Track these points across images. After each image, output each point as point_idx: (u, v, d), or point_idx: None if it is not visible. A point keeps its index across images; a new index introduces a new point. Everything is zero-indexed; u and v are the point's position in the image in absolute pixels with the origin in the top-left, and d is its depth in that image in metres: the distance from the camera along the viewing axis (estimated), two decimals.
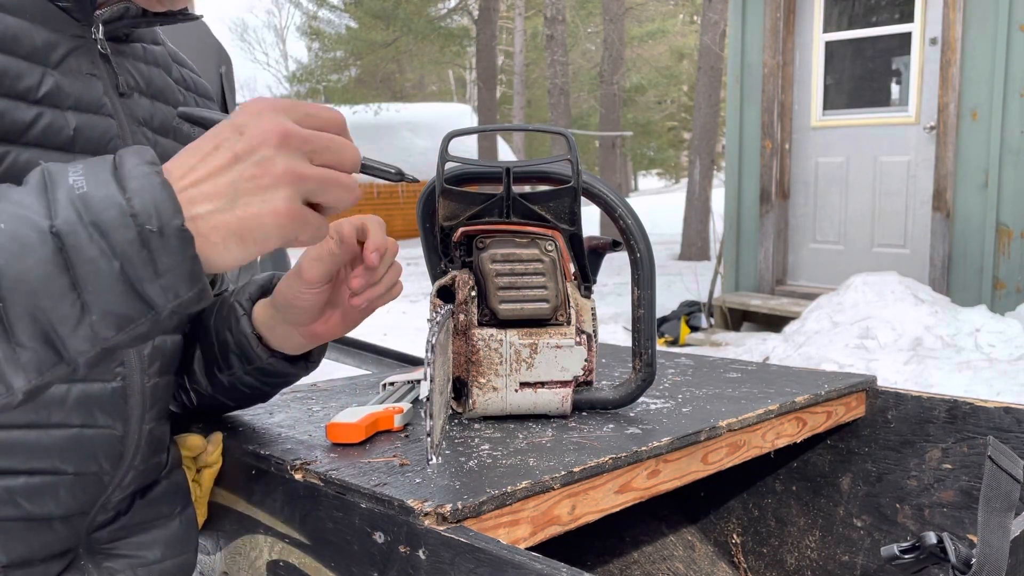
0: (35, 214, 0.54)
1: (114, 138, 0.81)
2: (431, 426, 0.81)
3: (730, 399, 1.16)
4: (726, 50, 8.58)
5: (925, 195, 5.54)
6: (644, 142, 22.62)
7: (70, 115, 0.77)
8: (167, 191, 0.57)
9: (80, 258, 0.54)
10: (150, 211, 0.55)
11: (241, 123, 0.60)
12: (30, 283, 0.53)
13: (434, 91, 28.34)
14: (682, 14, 22.75)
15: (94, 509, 0.86)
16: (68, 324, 0.54)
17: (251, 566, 0.98)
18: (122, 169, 0.57)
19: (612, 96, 13.39)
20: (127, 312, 0.56)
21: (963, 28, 5.16)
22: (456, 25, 18.32)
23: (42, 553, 0.82)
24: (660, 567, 1.48)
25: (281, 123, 0.60)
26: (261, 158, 0.59)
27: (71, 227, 0.54)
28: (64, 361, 0.55)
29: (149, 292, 0.56)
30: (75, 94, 0.78)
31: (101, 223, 0.54)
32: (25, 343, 0.54)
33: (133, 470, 0.89)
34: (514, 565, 0.68)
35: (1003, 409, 1.20)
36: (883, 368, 4.16)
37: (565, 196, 1.04)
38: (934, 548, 0.77)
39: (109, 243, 0.55)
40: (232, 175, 0.59)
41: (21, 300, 0.53)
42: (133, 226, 0.55)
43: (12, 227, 0.53)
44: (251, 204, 0.59)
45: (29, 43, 0.75)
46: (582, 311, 1.10)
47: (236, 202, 0.59)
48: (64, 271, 0.54)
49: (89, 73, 0.81)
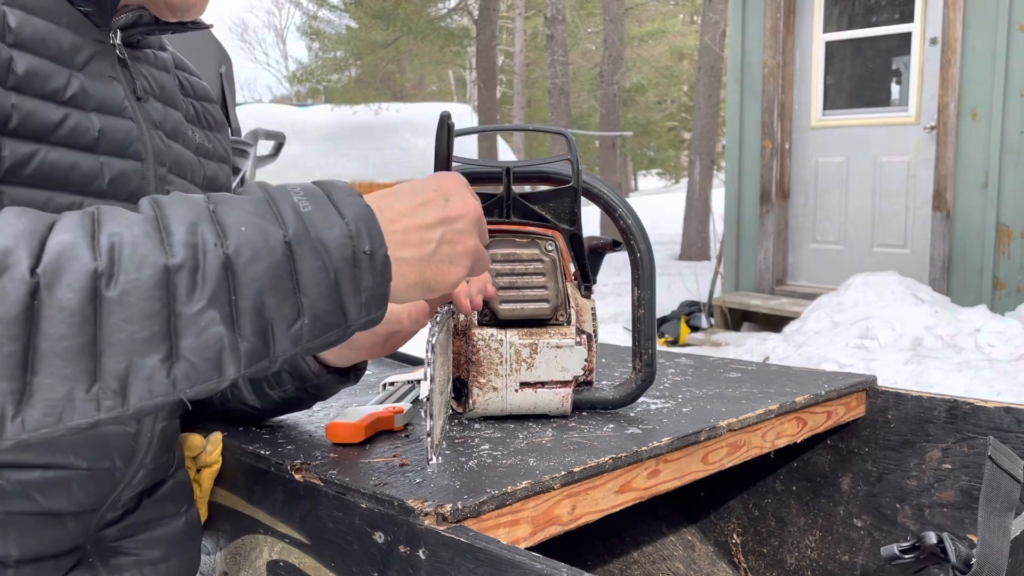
0: (269, 223, 0.61)
1: (134, 141, 0.83)
2: (431, 426, 0.81)
3: (730, 399, 1.16)
4: (726, 50, 8.58)
5: (925, 195, 5.53)
6: (644, 142, 22.61)
7: (94, 117, 0.79)
8: (376, 221, 0.65)
9: (305, 267, 0.61)
10: (364, 235, 0.64)
11: (446, 190, 0.72)
12: (262, 283, 0.59)
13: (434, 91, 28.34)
14: (682, 14, 22.75)
15: (104, 506, 0.87)
16: (284, 323, 0.61)
17: (251, 566, 0.98)
18: (333, 196, 0.65)
19: (612, 96, 13.39)
20: (329, 320, 0.63)
21: (963, 28, 5.16)
22: (456, 25, 18.31)
23: (53, 549, 0.83)
24: (660, 567, 1.48)
25: (477, 205, 0.74)
26: (461, 229, 0.72)
27: (300, 239, 0.61)
28: (269, 356, 0.61)
29: (349, 306, 0.64)
30: (99, 97, 0.80)
31: (325, 239, 0.62)
32: (247, 335, 0.59)
33: (144, 468, 0.89)
34: (514, 565, 0.68)
35: (1003, 409, 1.20)
36: (883, 368, 4.16)
37: (565, 196, 1.04)
38: (934, 548, 0.77)
39: (330, 257, 0.62)
40: (438, 234, 0.70)
41: (252, 296, 0.59)
42: (350, 246, 0.63)
43: (251, 232, 0.60)
44: (442, 263, 0.71)
45: (56, 46, 0.76)
46: (582, 311, 1.10)
47: (434, 257, 0.70)
48: (291, 276, 0.61)
49: (110, 76, 0.82)
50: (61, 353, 0.54)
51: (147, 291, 0.55)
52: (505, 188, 1.03)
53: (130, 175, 0.82)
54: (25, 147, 0.72)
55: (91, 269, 0.54)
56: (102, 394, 0.55)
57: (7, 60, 0.71)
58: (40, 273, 0.53)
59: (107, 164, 0.79)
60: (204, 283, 0.57)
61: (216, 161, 1.02)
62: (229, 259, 0.58)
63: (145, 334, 0.56)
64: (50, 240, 0.55)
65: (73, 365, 0.54)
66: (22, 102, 0.72)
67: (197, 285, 0.57)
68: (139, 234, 0.57)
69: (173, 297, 0.56)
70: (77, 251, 0.55)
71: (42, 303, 0.53)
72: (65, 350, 0.54)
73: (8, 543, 0.79)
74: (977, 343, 4.46)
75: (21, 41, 0.73)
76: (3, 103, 0.70)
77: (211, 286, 0.57)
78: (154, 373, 0.56)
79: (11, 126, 0.71)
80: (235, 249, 0.59)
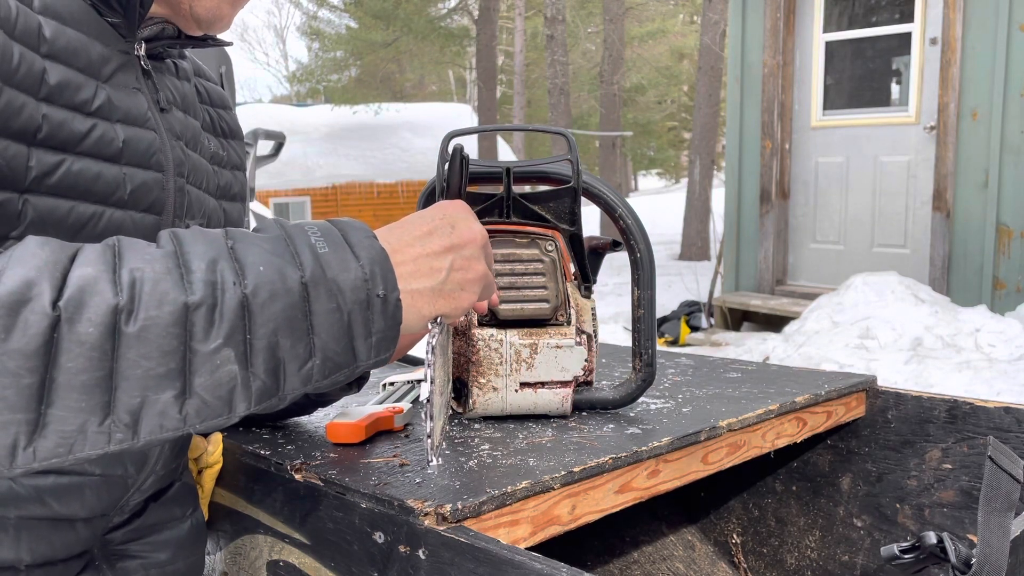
0: (286, 263, 0.62)
1: (156, 152, 0.83)
2: (431, 427, 0.81)
3: (730, 399, 1.16)
4: (726, 50, 8.58)
5: (925, 195, 5.53)
6: (644, 142, 22.60)
7: (119, 128, 0.79)
8: (390, 264, 0.66)
9: (320, 309, 0.62)
10: (378, 279, 0.65)
11: (451, 217, 0.73)
12: (277, 323, 0.60)
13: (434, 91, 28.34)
14: (682, 14, 22.74)
15: (113, 511, 0.87)
16: (296, 363, 0.62)
17: (251, 566, 0.98)
18: (349, 238, 0.66)
19: (612, 96, 13.38)
20: (339, 361, 0.64)
21: (963, 28, 5.16)
22: (456, 25, 18.31)
23: (63, 553, 0.83)
24: (660, 567, 1.48)
25: (483, 230, 0.75)
26: (470, 255, 0.72)
27: (316, 281, 0.62)
28: (279, 395, 0.62)
29: (359, 347, 0.65)
30: (123, 108, 0.80)
31: (340, 282, 0.63)
32: (260, 374, 0.60)
33: (154, 475, 0.90)
34: (514, 565, 0.69)
35: (1003, 409, 1.20)
36: (883, 368, 4.16)
37: (565, 196, 1.04)
38: (934, 548, 0.77)
39: (344, 300, 0.63)
40: (447, 261, 0.71)
41: (267, 336, 0.60)
42: (364, 289, 0.64)
43: (269, 272, 0.61)
44: (455, 291, 0.71)
45: (86, 57, 0.77)
46: (582, 311, 1.10)
47: (446, 285, 0.71)
48: (305, 317, 0.61)
49: (134, 88, 0.83)
50: (78, 387, 0.54)
51: (166, 328, 0.56)
52: (505, 188, 1.03)
53: (151, 185, 0.82)
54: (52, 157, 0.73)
55: (112, 304, 0.55)
56: (114, 427, 0.56)
57: (40, 71, 0.71)
58: (62, 307, 0.54)
59: (129, 175, 0.80)
60: (221, 322, 0.58)
61: (230, 169, 1.02)
62: (247, 298, 0.59)
63: (161, 370, 0.56)
64: (72, 273, 0.55)
65: (88, 399, 0.55)
66: (52, 113, 0.72)
67: (214, 323, 0.58)
68: (160, 270, 0.57)
69: (191, 335, 0.57)
70: (99, 285, 0.55)
71: (62, 336, 0.53)
72: (82, 384, 0.54)
73: (20, 547, 0.79)
74: (977, 343, 4.47)
75: (55, 52, 0.73)
76: (34, 114, 0.70)
77: (228, 325, 0.58)
78: (166, 409, 0.57)
79: (40, 137, 0.71)
80: (253, 288, 0.59)
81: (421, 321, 0.70)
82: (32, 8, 0.73)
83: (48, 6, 0.74)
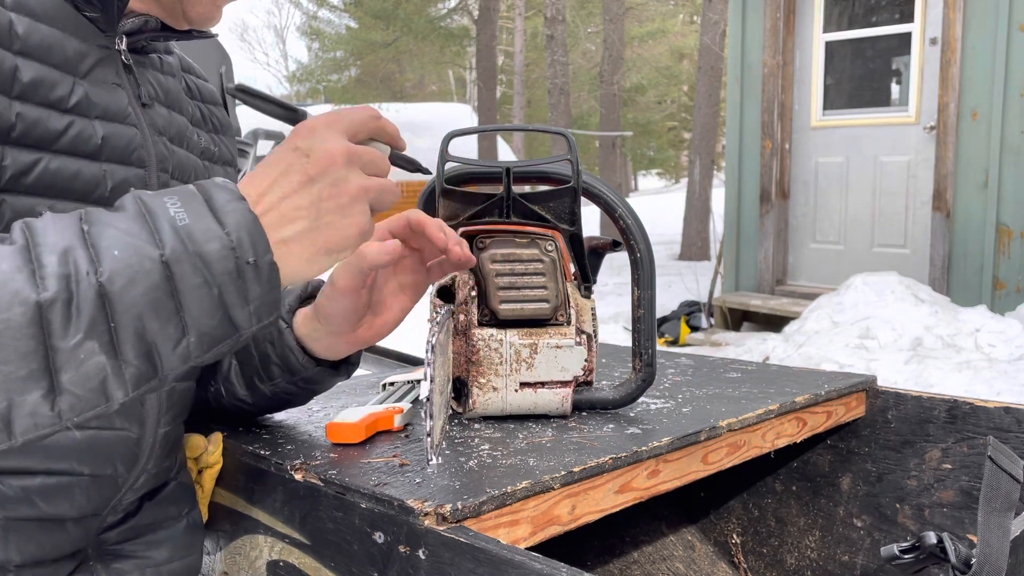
0: (144, 242, 0.58)
1: (137, 148, 0.83)
2: (431, 426, 0.81)
3: (730, 399, 1.16)
4: (726, 50, 8.57)
5: (925, 195, 5.53)
6: (644, 142, 22.61)
7: (98, 124, 0.78)
8: (259, 226, 0.62)
9: (185, 285, 0.59)
10: (246, 245, 0.61)
11: (305, 145, 0.66)
12: (141, 307, 0.57)
13: (434, 91, 28.33)
14: (682, 14, 22.74)
15: (106, 510, 0.87)
16: (169, 344, 0.59)
17: (251, 566, 0.98)
18: (214, 203, 0.62)
19: (612, 96, 13.39)
20: (218, 334, 0.61)
21: (963, 28, 5.16)
22: (456, 25, 18.32)
23: (54, 553, 0.82)
24: (660, 567, 1.48)
25: (342, 142, 0.67)
26: (335, 178, 0.65)
27: (178, 257, 0.59)
28: (158, 376, 0.60)
29: (238, 317, 0.62)
30: (102, 104, 0.80)
31: (205, 254, 0.59)
32: (131, 360, 0.58)
33: (146, 473, 0.89)
34: (514, 565, 0.68)
35: (1003, 409, 1.20)
36: (883, 368, 4.16)
37: (565, 196, 1.04)
38: (934, 548, 0.77)
39: (211, 272, 0.60)
40: (311, 196, 0.65)
41: (131, 322, 0.57)
42: (232, 258, 0.60)
43: (125, 255, 0.58)
44: (334, 221, 0.65)
45: (61, 53, 0.76)
46: (582, 311, 1.10)
47: (320, 220, 0.65)
48: (171, 296, 0.59)
49: (114, 83, 0.82)
50: None
51: (20, 330, 0.54)
52: (505, 188, 1.03)
53: (132, 182, 0.81)
54: (28, 156, 0.72)
55: None
56: None
57: (12, 69, 0.71)
58: None
59: (110, 171, 0.79)
60: (79, 315, 0.56)
61: (222, 165, 1.02)
62: (103, 287, 0.56)
63: (22, 373, 0.55)
64: None
65: None
66: (26, 111, 0.72)
67: (72, 318, 0.55)
68: (8, 270, 0.55)
69: (48, 333, 0.55)
70: None
71: None
72: None
73: (8, 548, 0.78)
74: (977, 343, 4.46)
75: (27, 49, 0.73)
76: (6, 113, 0.70)
77: (87, 317, 0.56)
78: (36, 408, 0.56)
79: (14, 135, 0.71)
80: (109, 276, 0.57)
81: (307, 266, 0.66)
82: (4, 6, 0.72)
83: (21, 3, 0.73)
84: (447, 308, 1.02)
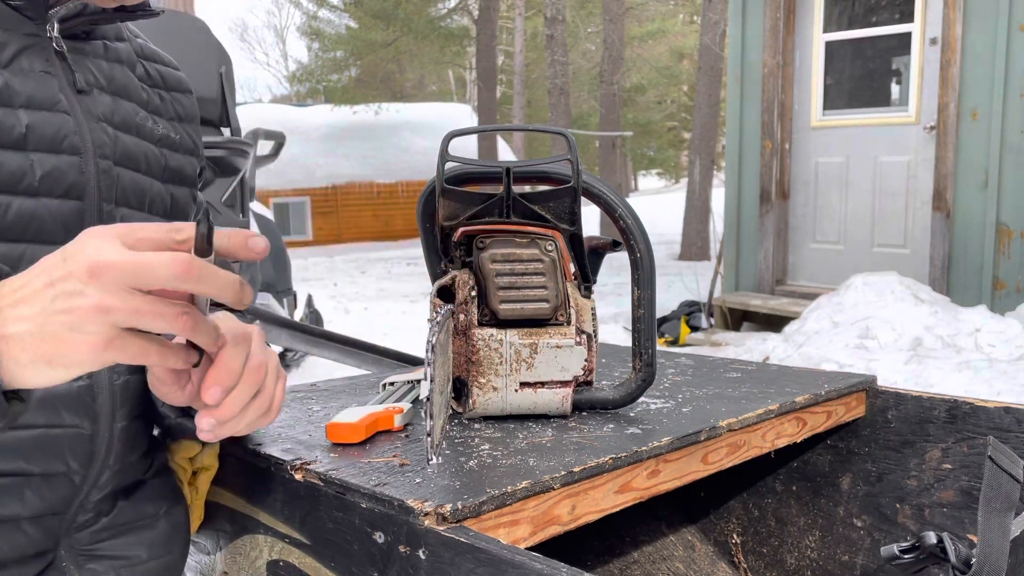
0: None
1: (69, 135, 0.81)
2: (431, 426, 0.81)
3: (730, 399, 1.16)
4: (726, 50, 8.57)
5: (925, 195, 5.54)
6: (644, 142, 22.62)
7: (21, 113, 0.77)
8: None
9: None
10: None
11: (71, 248, 0.61)
12: None
13: (434, 91, 28.34)
14: (682, 14, 22.75)
15: (71, 510, 0.85)
16: None
17: (251, 566, 0.98)
18: None
19: (612, 96, 13.39)
20: None
21: (963, 28, 5.16)
22: (456, 25, 18.31)
23: (14, 555, 0.80)
24: (660, 567, 1.48)
25: (97, 254, 0.59)
26: (72, 290, 0.59)
27: None
28: None
29: None
30: (26, 92, 0.78)
31: None
32: None
33: (108, 470, 0.87)
34: (514, 565, 0.68)
35: (1003, 409, 1.20)
36: (883, 368, 4.16)
37: (565, 196, 1.04)
38: (934, 548, 0.77)
39: None
40: (43, 302, 0.60)
41: None
42: None
43: None
44: (59, 333, 0.59)
45: None
46: (582, 311, 1.10)
47: (44, 329, 0.59)
48: None
49: (43, 71, 0.80)
50: None
51: None
52: (505, 188, 1.03)
53: (65, 170, 0.80)
54: None
55: None
56: None
57: None
58: None
59: (38, 160, 0.77)
60: None
61: (183, 153, 0.99)
62: None
63: None
64: None
65: None
66: None
67: None
68: None
69: None
70: None
71: None
72: None
73: None
74: (977, 343, 4.47)
75: None
76: None
77: None
78: None
79: None
80: None
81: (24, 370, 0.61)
82: None
83: None
84: (447, 308, 1.02)
